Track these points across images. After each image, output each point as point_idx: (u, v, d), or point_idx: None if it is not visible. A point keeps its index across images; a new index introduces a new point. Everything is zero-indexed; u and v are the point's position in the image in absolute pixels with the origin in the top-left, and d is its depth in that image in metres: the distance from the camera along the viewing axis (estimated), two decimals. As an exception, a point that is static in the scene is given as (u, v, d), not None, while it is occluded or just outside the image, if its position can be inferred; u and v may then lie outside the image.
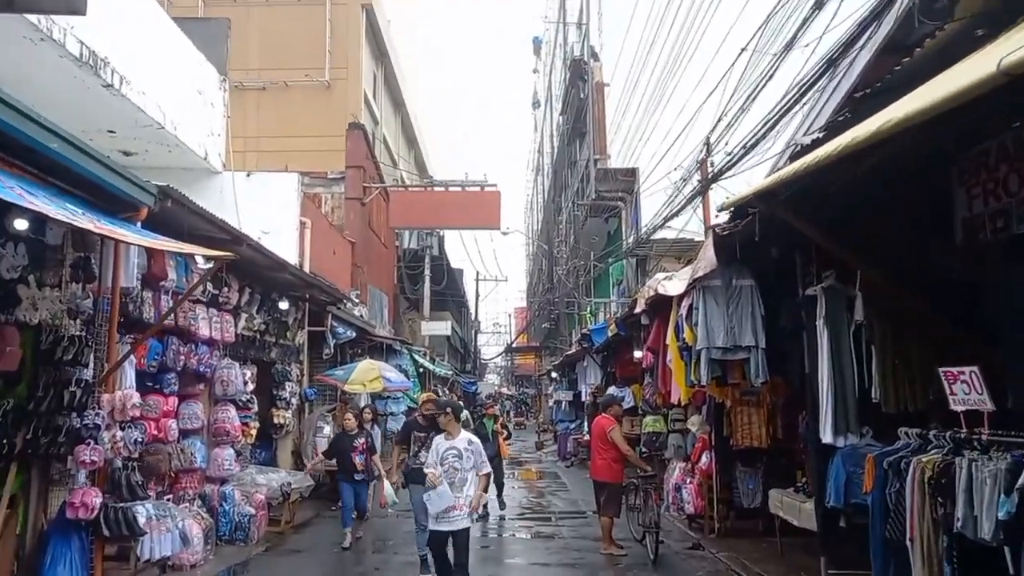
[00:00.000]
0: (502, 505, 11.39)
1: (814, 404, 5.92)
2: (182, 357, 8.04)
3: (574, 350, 19.15)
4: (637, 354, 12.17)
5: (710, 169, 10.81)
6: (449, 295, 36.45)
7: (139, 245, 5.64)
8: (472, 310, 48.98)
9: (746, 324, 6.60)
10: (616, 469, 8.24)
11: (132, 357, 6.24)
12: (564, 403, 22.50)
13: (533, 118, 53.81)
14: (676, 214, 10.57)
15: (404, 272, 28.58)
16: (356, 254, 18.83)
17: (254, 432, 10.21)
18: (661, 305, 8.31)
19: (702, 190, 9.68)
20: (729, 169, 7.70)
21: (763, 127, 6.83)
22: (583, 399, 19.31)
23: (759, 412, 8.52)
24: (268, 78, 20.72)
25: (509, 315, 67.46)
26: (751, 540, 8.54)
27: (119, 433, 5.81)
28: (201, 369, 8.55)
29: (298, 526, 10.22)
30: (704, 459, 9.03)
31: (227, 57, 13.90)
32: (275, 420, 11.58)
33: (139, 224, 6.27)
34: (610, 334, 12.82)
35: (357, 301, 17.65)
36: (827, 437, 5.70)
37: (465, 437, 6.07)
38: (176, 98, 11.13)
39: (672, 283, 7.46)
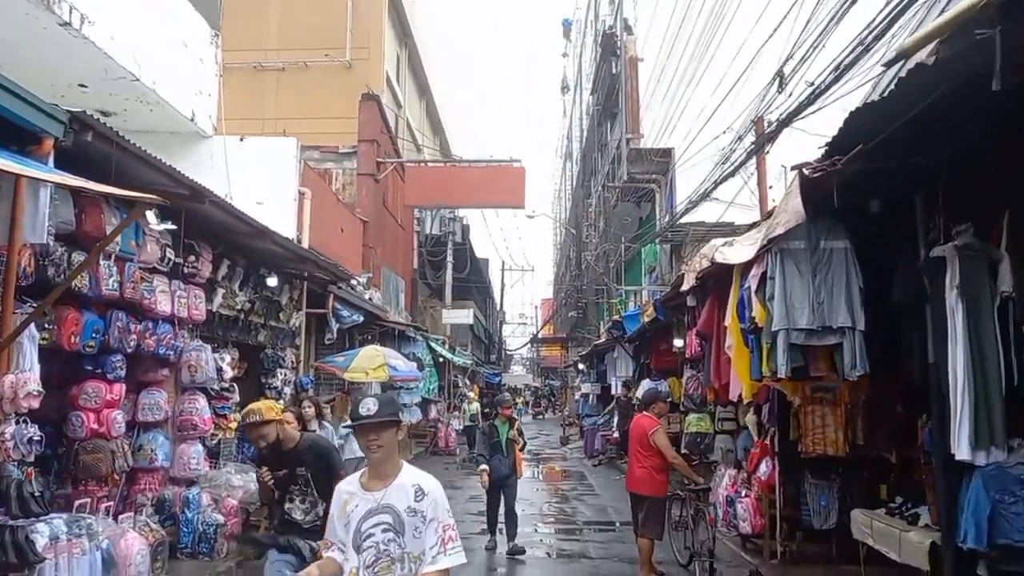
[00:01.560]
0: (518, 547, 8.14)
1: (942, 406, 4.33)
2: (133, 336, 6.66)
3: (603, 339, 17.59)
4: (677, 343, 10.62)
5: (767, 126, 9.15)
6: (474, 284, 35.17)
7: (14, 174, 4.19)
8: (497, 300, 47.63)
9: (839, 298, 5.00)
10: (659, 480, 6.68)
11: (33, 331, 4.84)
12: (592, 396, 20.96)
13: (562, 103, 52.38)
14: (731, 174, 8.90)
15: (426, 259, 27.32)
16: (368, 234, 17.45)
17: (233, 425, 8.84)
18: (718, 280, 6.72)
19: (767, 139, 8.00)
20: (811, 103, 6.06)
21: (861, 42, 5.19)
22: (612, 392, 17.75)
23: (835, 412, 6.91)
24: (287, 59, 20.07)
25: (535, 306, 66.14)
26: (823, 569, 6.95)
27: (8, 430, 4.42)
28: (162, 352, 7.17)
29: (284, 535, 8.83)
30: (763, 468, 7.44)
31: (220, 10, 12.55)
32: (263, 412, 10.21)
33: (49, 163, 4.88)
34: (646, 319, 11.27)
35: (364, 283, 16.25)
36: (963, 452, 4.11)
37: (411, 482, 2.81)
38: (156, 49, 9.77)
39: (734, 249, 5.87)
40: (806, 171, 4.49)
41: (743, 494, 7.65)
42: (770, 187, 11.63)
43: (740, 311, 5.84)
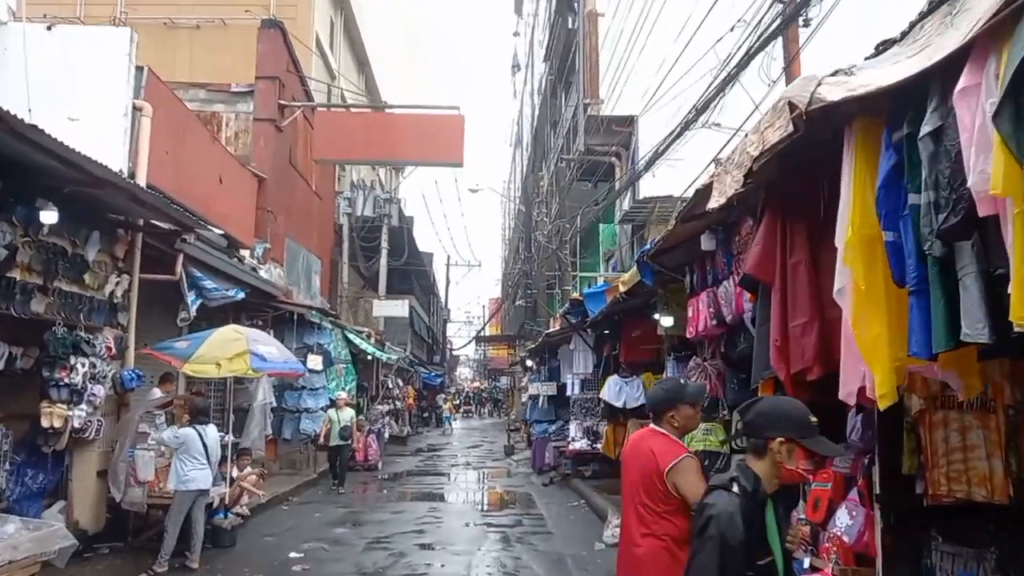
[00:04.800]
0: None
1: None
2: None
3: (558, 326, 14.40)
4: (666, 321, 7.52)
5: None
6: (415, 274, 31.78)
7: None
8: (443, 297, 44.16)
9: None
10: (681, 561, 3.42)
11: None
12: (543, 399, 17.54)
13: (512, 84, 49.43)
14: (762, 46, 5.74)
15: (358, 245, 23.86)
16: (265, 194, 13.91)
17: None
18: (785, 176, 3.51)
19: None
20: None
21: None
22: (569, 393, 14.54)
23: (985, 425, 3.84)
24: (202, 15, 17.28)
25: (483, 306, 62.90)
26: None
27: None
28: None
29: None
30: (844, 520, 4.30)
31: None
32: (44, 422, 6.68)
33: None
34: (621, 291, 8.08)
35: (260, 255, 12.73)
36: None
37: None
38: None
39: (870, 72, 2.68)
40: None
41: (807, 565, 4.46)
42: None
43: (885, 208, 2.62)
